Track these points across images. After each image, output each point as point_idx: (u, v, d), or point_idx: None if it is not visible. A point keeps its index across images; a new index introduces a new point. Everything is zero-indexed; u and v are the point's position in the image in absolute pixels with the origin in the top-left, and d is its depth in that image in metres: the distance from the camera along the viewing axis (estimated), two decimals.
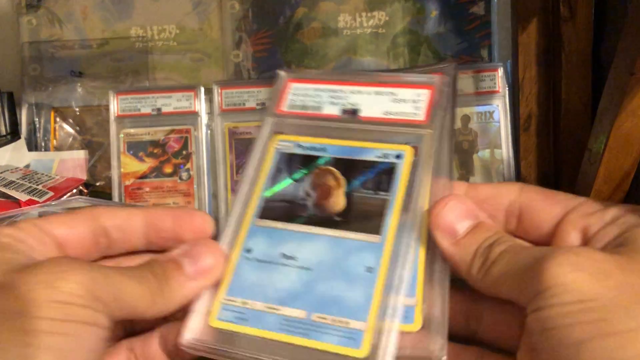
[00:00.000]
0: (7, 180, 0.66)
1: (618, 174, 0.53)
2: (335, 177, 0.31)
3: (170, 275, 0.27)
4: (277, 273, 0.29)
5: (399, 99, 0.32)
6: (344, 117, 0.33)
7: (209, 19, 0.75)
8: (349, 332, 0.27)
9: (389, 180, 0.30)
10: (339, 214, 0.30)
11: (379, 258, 0.28)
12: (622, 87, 0.49)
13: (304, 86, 0.35)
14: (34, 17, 0.75)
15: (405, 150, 0.31)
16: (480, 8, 0.72)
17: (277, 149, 0.33)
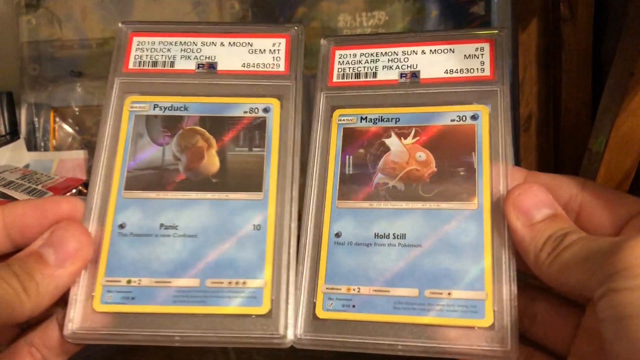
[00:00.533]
0: (6, 180, 0.65)
1: (618, 174, 0.53)
2: (205, 137, 0.29)
3: (32, 269, 0.25)
4: (160, 245, 0.28)
5: (256, 49, 0.31)
6: (201, 71, 0.31)
7: (208, 19, 0.74)
8: (248, 292, 0.26)
9: (262, 135, 0.29)
10: (215, 176, 0.29)
11: (265, 214, 0.27)
12: (622, 87, 0.49)
13: (149, 39, 0.32)
14: (33, 16, 0.75)
15: (273, 103, 0.30)
16: (480, 8, 0.72)
17: (132, 112, 0.31)
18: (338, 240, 0.28)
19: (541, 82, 0.66)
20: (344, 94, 0.31)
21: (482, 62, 0.31)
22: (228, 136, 0.29)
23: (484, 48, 0.31)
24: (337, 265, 0.28)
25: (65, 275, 0.26)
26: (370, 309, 0.27)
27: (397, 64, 0.31)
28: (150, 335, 0.26)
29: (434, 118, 0.30)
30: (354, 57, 0.32)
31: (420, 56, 0.31)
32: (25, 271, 0.25)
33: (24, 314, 0.25)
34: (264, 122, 0.29)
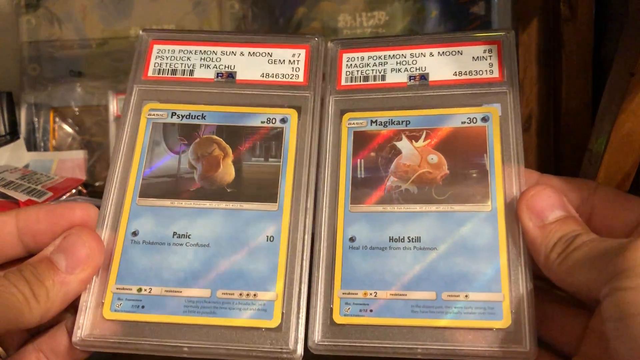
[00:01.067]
0: (6, 180, 0.65)
1: (619, 175, 0.53)
2: (221, 146, 0.29)
3: (43, 275, 0.25)
4: (172, 254, 0.27)
5: (276, 60, 0.31)
6: (220, 80, 0.31)
7: (208, 18, 0.74)
8: (258, 305, 0.26)
9: (279, 146, 0.29)
10: (230, 185, 0.28)
11: (279, 226, 0.27)
12: (622, 87, 0.49)
13: (170, 48, 0.32)
14: (33, 16, 0.75)
15: (291, 113, 0.30)
16: (481, 8, 0.72)
17: (150, 119, 0.30)
18: (353, 245, 0.28)
19: (541, 82, 0.66)
20: (353, 97, 0.31)
21: (490, 63, 0.31)
22: (245, 146, 0.29)
23: (492, 50, 0.32)
24: (352, 270, 0.28)
25: (75, 282, 0.26)
26: (388, 313, 0.27)
27: (405, 67, 0.31)
28: (158, 345, 0.26)
29: (445, 120, 0.30)
30: (361, 60, 0.32)
31: (429, 58, 0.31)
32: (35, 277, 0.25)
33: (33, 319, 0.24)
34: (280, 132, 0.29)
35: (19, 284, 0.24)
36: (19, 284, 0.24)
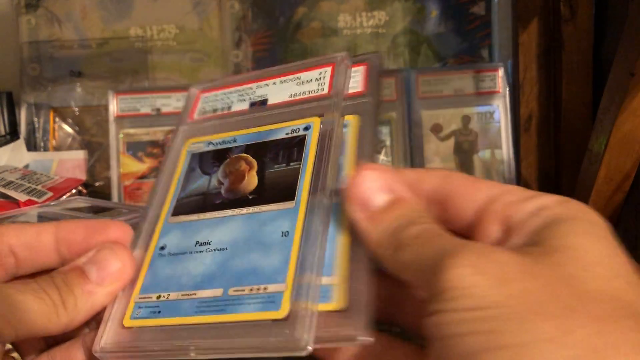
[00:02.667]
0: (6, 180, 0.65)
1: (619, 174, 0.53)
2: (247, 161, 0.30)
3: (73, 284, 0.25)
4: (192, 261, 0.28)
5: (303, 80, 0.32)
6: (253, 108, 0.33)
7: (208, 18, 0.74)
8: (268, 297, 0.25)
9: (300, 151, 0.29)
10: (252, 192, 0.29)
11: (294, 221, 0.27)
12: (622, 87, 0.49)
13: (213, 93, 0.34)
14: (33, 16, 0.75)
15: (313, 121, 0.30)
16: (481, 8, 0.72)
17: (189, 151, 0.32)
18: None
19: (541, 82, 0.66)
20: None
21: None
22: (269, 157, 0.30)
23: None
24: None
25: (103, 294, 0.26)
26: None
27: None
28: (167, 349, 0.26)
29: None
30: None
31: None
32: (66, 284, 0.25)
33: (58, 326, 0.25)
34: (303, 139, 0.30)
35: (49, 289, 0.24)
36: (48, 289, 0.24)
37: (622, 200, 0.54)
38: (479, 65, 0.69)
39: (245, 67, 0.74)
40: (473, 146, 0.67)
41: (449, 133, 0.67)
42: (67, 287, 0.25)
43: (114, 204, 0.53)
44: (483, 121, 0.67)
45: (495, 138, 0.67)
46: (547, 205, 0.23)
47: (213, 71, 0.75)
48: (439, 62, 0.73)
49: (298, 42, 0.74)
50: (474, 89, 0.68)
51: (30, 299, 0.23)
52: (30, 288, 0.24)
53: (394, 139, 0.67)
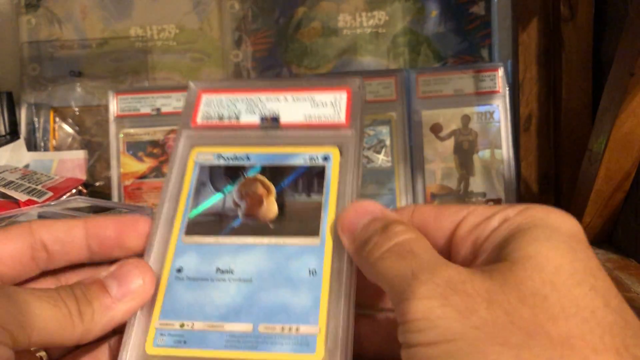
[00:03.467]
0: (6, 180, 0.65)
1: (618, 174, 0.53)
2: (264, 184, 0.30)
3: (93, 296, 0.25)
4: (215, 289, 0.28)
5: (318, 103, 0.32)
6: (264, 124, 0.32)
7: (208, 18, 0.75)
8: (301, 339, 0.26)
9: (321, 183, 0.29)
10: (273, 221, 0.29)
11: (321, 259, 0.27)
12: (622, 87, 0.49)
13: (217, 97, 0.34)
14: (33, 16, 0.75)
15: (332, 151, 0.30)
16: (481, 8, 0.72)
17: (197, 163, 0.32)
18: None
19: (541, 82, 0.66)
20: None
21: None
22: (287, 183, 0.30)
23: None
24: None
25: (122, 310, 0.26)
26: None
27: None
28: None
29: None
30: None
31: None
32: (85, 296, 0.25)
33: (73, 337, 0.24)
34: (323, 170, 0.30)
35: (68, 298, 0.24)
36: (67, 298, 0.24)
37: (622, 199, 0.55)
38: (479, 65, 0.69)
39: (245, 67, 0.74)
40: (473, 146, 0.67)
41: (449, 133, 0.67)
42: (85, 299, 0.25)
43: (114, 204, 0.53)
44: (483, 121, 0.67)
45: (495, 138, 0.67)
46: (508, 217, 0.23)
47: (213, 71, 0.75)
48: (438, 62, 0.73)
49: (298, 41, 0.74)
50: (473, 88, 0.68)
51: (47, 306, 0.23)
52: (48, 295, 0.24)
53: (393, 138, 0.67)
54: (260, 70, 0.74)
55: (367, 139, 0.67)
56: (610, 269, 0.50)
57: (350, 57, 0.74)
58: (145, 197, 0.68)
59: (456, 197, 0.67)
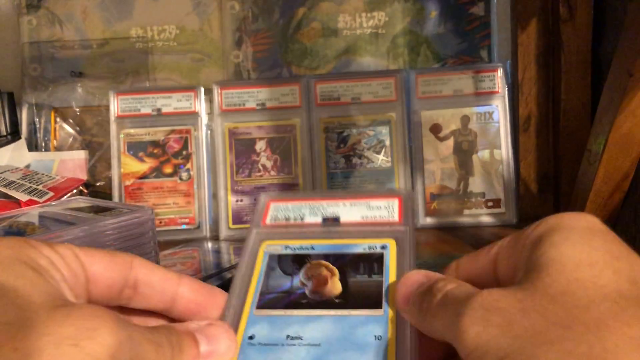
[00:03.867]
0: (7, 180, 0.66)
1: (617, 174, 0.53)
2: (328, 268, 0.34)
3: (185, 347, 0.26)
4: (285, 353, 0.30)
5: (373, 207, 0.37)
6: (326, 223, 0.37)
7: (209, 19, 0.75)
8: None
9: (381, 265, 0.33)
10: (338, 297, 0.32)
11: (385, 327, 0.30)
12: (621, 87, 0.49)
13: (284, 204, 0.39)
14: (34, 17, 0.75)
15: (390, 242, 0.34)
16: (480, 8, 0.73)
17: (266, 252, 0.35)
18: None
19: (540, 82, 0.66)
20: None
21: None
22: (349, 266, 0.33)
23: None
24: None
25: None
26: None
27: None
28: None
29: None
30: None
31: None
32: (179, 346, 0.26)
33: None
34: (381, 256, 0.34)
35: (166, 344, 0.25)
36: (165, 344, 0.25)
37: (621, 199, 0.55)
38: (478, 65, 0.70)
39: (246, 68, 0.75)
40: (472, 146, 0.67)
41: (449, 133, 0.68)
42: (179, 349, 0.26)
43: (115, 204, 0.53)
44: (482, 121, 0.68)
45: (495, 138, 0.67)
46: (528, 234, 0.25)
47: (213, 72, 0.75)
48: (438, 63, 0.73)
49: (298, 42, 0.74)
50: (473, 89, 0.68)
51: (152, 349, 0.24)
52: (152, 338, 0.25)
53: (393, 139, 0.67)
54: (260, 70, 0.74)
55: (366, 139, 0.68)
56: None
57: (350, 57, 0.74)
58: (146, 197, 0.68)
59: (456, 197, 0.67)
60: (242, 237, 0.68)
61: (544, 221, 0.25)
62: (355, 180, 0.68)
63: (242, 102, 0.69)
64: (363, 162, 0.67)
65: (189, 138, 0.69)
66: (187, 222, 0.68)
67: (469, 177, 0.67)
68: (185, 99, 0.70)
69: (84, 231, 0.39)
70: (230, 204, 0.67)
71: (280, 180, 0.67)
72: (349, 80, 0.68)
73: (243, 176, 0.68)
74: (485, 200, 0.67)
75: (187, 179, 0.69)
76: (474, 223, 0.66)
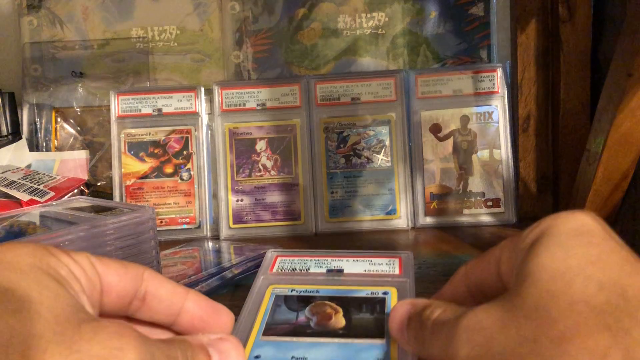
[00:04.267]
0: (8, 180, 0.66)
1: (617, 174, 0.53)
2: (332, 306, 0.36)
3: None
4: None
5: (375, 263, 0.40)
6: (330, 273, 0.40)
7: (209, 19, 0.75)
8: None
9: (383, 306, 0.36)
10: (342, 329, 0.34)
11: (388, 352, 0.32)
12: (620, 88, 0.49)
13: (290, 258, 0.42)
14: (35, 17, 0.76)
15: (391, 290, 0.37)
16: (480, 9, 0.73)
17: (273, 293, 0.38)
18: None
19: (540, 82, 0.66)
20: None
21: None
22: (352, 306, 0.36)
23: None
24: None
25: None
26: None
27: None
28: None
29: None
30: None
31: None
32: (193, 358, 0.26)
33: None
34: (383, 299, 0.36)
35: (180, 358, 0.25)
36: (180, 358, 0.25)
37: (620, 199, 0.55)
38: (478, 65, 0.70)
39: (246, 68, 0.75)
40: (472, 146, 0.67)
41: (448, 133, 0.68)
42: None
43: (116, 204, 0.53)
44: (482, 121, 0.68)
45: (494, 138, 0.67)
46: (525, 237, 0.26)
47: (214, 72, 0.75)
48: (438, 63, 0.73)
49: (298, 42, 0.74)
50: (472, 89, 0.68)
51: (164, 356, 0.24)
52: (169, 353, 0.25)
53: (393, 139, 0.67)
54: (261, 71, 0.75)
55: (366, 139, 0.68)
56: None
57: (350, 57, 0.74)
58: (147, 197, 0.68)
59: (455, 197, 0.67)
60: (243, 236, 0.68)
61: (539, 224, 0.25)
62: (355, 180, 0.68)
63: (242, 102, 0.69)
64: (363, 162, 0.68)
65: (190, 138, 0.69)
66: (187, 221, 0.68)
67: (469, 177, 0.67)
68: (185, 99, 0.70)
69: (84, 231, 0.39)
70: (230, 203, 0.67)
71: (281, 180, 0.68)
72: (349, 80, 0.69)
73: (243, 176, 0.68)
74: (484, 200, 0.67)
75: (188, 178, 0.69)
76: (473, 223, 0.66)
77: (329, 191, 0.67)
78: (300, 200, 0.67)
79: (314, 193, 0.67)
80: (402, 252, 0.41)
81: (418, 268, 0.53)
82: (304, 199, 0.67)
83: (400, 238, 0.63)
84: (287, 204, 0.67)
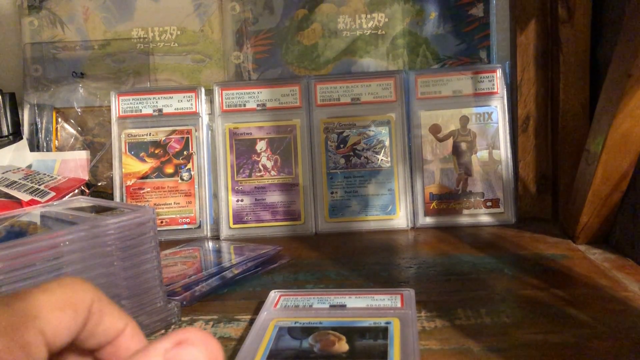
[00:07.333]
0: (9, 180, 0.66)
1: (616, 174, 0.54)
2: (335, 335, 0.37)
3: None
4: None
5: (377, 299, 0.42)
6: (333, 307, 0.41)
7: (209, 20, 0.75)
8: None
9: (386, 334, 0.37)
10: (346, 353, 0.35)
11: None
12: (619, 88, 0.49)
13: (294, 297, 0.43)
14: (35, 18, 0.76)
15: (394, 320, 0.38)
16: (479, 10, 0.73)
17: (277, 325, 0.39)
18: None
19: (539, 83, 0.66)
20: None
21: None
22: (355, 334, 0.37)
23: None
24: None
25: None
26: None
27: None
28: None
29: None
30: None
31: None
32: None
33: None
34: (386, 328, 0.38)
35: None
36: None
37: (619, 199, 0.55)
38: (478, 66, 0.70)
39: (246, 69, 0.75)
40: (471, 146, 0.68)
41: (448, 133, 0.68)
42: None
43: (116, 204, 0.53)
44: (481, 122, 0.68)
45: (493, 138, 0.67)
46: None
47: (214, 72, 0.75)
48: (437, 64, 0.73)
49: (298, 43, 0.75)
50: (472, 90, 0.68)
51: None
52: None
53: (393, 139, 0.68)
54: (261, 71, 0.75)
55: (366, 140, 0.68)
56: (608, 268, 0.50)
57: (350, 58, 0.74)
58: (147, 197, 0.69)
59: (455, 197, 0.67)
60: (243, 236, 0.68)
61: None
62: (355, 181, 0.68)
63: (242, 103, 0.69)
64: (363, 162, 0.68)
65: (190, 138, 0.70)
66: (188, 221, 0.68)
67: (468, 177, 0.67)
68: (186, 99, 0.70)
69: (85, 231, 0.39)
70: (230, 203, 0.68)
71: (281, 181, 0.68)
72: (348, 81, 0.69)
73: (244, 176, 0.68)
74: (484, 200, 0.67)
75: (188, 179, 0.69)
76: (473, 223, 0.66)
77: (329, 191, 0.68)
78: (300, 201, 0.67)
79: (314, 193, 0.67)
80: (404, 290, 0.43)
81: (418, 268, 0.53)
82: (304, 199, 0.67)
83: (400, 238, 0.63)
84: (287, 204, 0.67)
